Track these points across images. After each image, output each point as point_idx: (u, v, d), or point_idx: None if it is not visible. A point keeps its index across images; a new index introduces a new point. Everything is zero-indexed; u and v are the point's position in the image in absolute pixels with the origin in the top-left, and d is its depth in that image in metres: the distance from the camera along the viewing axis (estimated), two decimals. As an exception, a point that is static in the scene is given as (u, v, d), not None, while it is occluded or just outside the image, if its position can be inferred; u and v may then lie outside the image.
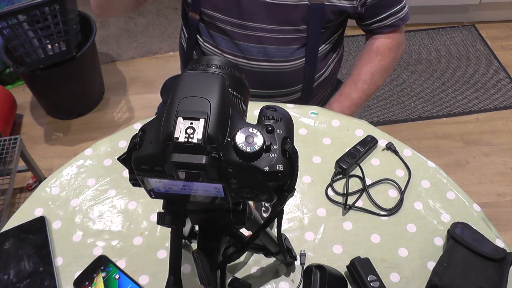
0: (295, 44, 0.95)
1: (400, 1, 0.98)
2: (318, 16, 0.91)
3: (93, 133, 1.95)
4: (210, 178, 0.35)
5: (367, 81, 1.02)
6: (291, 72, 0.99)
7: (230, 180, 0.37)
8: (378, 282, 0.64)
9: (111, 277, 0.66)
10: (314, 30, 0.93)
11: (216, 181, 0.36)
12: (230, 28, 0.94)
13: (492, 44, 2.30)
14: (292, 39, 0.95)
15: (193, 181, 0.36)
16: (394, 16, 0.98)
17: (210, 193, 0.39)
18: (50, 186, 0.80)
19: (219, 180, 0.36)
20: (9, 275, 0.67)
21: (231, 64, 0.42)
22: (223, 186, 0.37)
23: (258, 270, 0.69)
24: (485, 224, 0.74)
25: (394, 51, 1.03)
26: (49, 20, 1.65)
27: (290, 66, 0.98)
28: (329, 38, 1.00)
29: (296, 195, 0.78)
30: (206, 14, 0.95)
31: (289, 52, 0.96)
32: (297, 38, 0.95)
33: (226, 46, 0.97)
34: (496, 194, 1.72)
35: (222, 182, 0.37)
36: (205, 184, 0.37)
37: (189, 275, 0.68)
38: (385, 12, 0.97)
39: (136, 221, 0.75)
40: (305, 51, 0.97)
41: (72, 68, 1.83)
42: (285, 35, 0.94)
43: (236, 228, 0.51)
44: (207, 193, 0.39)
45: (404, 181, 0.80)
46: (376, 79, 1.02)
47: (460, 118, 1.99)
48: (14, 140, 1.55)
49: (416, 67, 2.20)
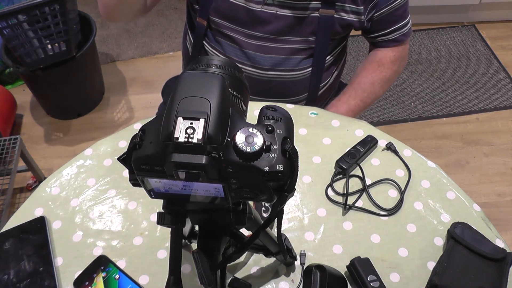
0: (302, 54, 0.96)
1: (405, 17, 0.98)
2: (327, 28, 0.92)
3: (93, 133, 1.95)
4: (210, 178, 0.35)
5: (366, 89, 1.02)
6: (297, 81, 0.99)
7: (230, 180, 0.37)
8: (378, 282, 0.64)
9: (111, 277, 0.66)
10: (322, 41, 0.94)
11: (216, 181, 0.36)
12: (239, 37, 0.94)
13: (492, 44, 2.30)
14: (300, 49, 0.95)
15: (193, 181, 0.36)
16: (398, 32, 0.99)
17: (210, 193, 0.39)
18: (50, 186, 0.80)
19: (219, 180, 0.36)
20: (9, 275, 0.67)
21: (231, 64, 0.42)
22: (223, 186, 0.37)
23: (258, 270, 0.69)
24: (485, 224, 0.74)
25: (397, 64, 1.04)
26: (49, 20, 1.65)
27: (297, 76, 0.98)
28: (334, 48, 1.01)
29: (296, 195, 0.78)
30: (215, 22, 0.94)
31: (296, 62, 0.96)
32: (305, 48, 0.95)
33: (234, 54, 0.96)
34: (496, 194, 1.72)
35: (222, 182, 0.37)
36: (205, 184, 0.37)
37: (189, 275, 0.68)
38: (390, 27, 0.98)
39: (136, 221, 0.75)
40: (312, 61, 0.97)
41: (72, 68, 1.83)
42: (294, 46, 0.94)
43: (236, 228, 0.51)
44: (207, 193, 0.39)
45: (404, 181, 0.80)
46: (375, 88, 1.03)
47: (460, 118, 1.99)
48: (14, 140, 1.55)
49: (416, 67, 2.20)
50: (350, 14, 0.91)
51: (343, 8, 0.90)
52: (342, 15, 0.91)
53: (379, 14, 0.94)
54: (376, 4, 0.92)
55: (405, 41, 1.03)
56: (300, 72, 0.98)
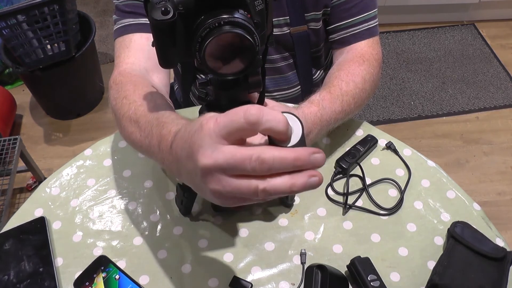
0: (286, 72, 0.94)
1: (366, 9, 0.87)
2: (305, 43, 0.89)
3: (93, 133, 1.95)
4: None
5: (358, 84, 0.78)
6: (289, 101, 0.97)
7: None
8: (378, 281, 0.64)
9: (111, 277, 0.66)
10: (302, 56, 0.91)
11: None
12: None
13: (491, 43, 2.30)
14: (283, 67, 0.93)
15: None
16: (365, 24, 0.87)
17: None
18: (50, 186, 0.80)
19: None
20: (9, 275, 0.67)
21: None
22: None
23: (258, 270, 0.69)
24: (485, 223, 0.74)
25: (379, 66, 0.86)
26: (48, 20, 1.65)
27: (288, 95, 0.97)
28: (323, 62, 0.99)
29: (297, 195, 0.78)
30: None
31: (285, 81, 0.95)
32: (287, 65, 0.93)
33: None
34: (496, 193, 1.73)
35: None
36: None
37: (189, 275, 0.68)
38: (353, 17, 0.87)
39: (136, 221, 0.75)
40: (297, 77, 0.96)
41: (71, 68, 1.83)
42: (275, 65, 0.92)
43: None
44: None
45: (404, 180, 0.80)
46: (366, 86, 0.80)
47: (460, 117, 1.99)
48: (14, 140, 1.55)
49: (416, 66, 2.20)
50: (320, 21, 0.88)
51: (313, 17, 0.86)
52: (312, 26, 0.87)
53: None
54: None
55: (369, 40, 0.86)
56: (291, 91, 0.97)
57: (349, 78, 0.77)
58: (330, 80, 0.78)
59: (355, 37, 0.86)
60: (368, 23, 0.86)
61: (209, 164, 0.37)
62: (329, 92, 0.74)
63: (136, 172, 0.80)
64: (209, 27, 0.43)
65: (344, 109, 0.74)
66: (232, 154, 0.36)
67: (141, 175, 0.80)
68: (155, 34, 0.47)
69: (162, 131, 0.53)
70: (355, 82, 0.77)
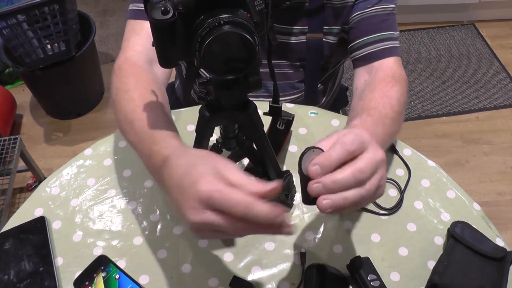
0: (293, 79, 0.94)
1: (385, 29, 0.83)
2: (317, 52, 0.88)
3: (93, 133, 1.95)
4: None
5: (394, 107, 0.72)
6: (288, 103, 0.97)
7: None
8: (378, 281, 0.64)
9: (111, 277, 0.66)
10: (312, 67, 0.91)
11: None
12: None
13: (491, 43, 2.30)
14: (290, 74, 0.93)
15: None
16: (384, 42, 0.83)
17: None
18: (50, 186, 0.80)
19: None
20: (9, 275, 0.67)
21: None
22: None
23: (258, 270, 0.69)
24: (485, 223, 0.74)
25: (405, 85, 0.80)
26: (49, 20, 1.65)
27: (289, 100, 0.97)
28: (330, 72, 0.98)
29: (297, 194, 0.78)
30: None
31: (290, 87, 0.95)
32: (295, 73, 0.93)
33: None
34: (496, 193, 1.73)
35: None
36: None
37: (189, 275, 0.68)
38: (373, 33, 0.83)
39: (136, 221, 0.75)
40: (304, 86, 0.95)
41: (71, 68, 1.83)
42: (283, 70, 0.92)
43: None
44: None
45: (404, 180, 0.80)
46: (401, 108, 0.75)
47: (460, 117, 1.99)
48: (14, 140, 1.55)
49: (416, 66, 2.20)
50: (337, 38, 0.87)
51: (331, 31, 0.86)
52: (329, 39, 0.87)
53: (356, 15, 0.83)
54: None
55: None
56: (293, 97, 0.97)
57: (386, 100, 0.72)
58: (366, 103, 0.72)
59: (383, 52, 0.81)
60: (393, 41, 0.82)
61: (197, 221, 0.43)
62: (369, 114, 0.69)
63: (136, 172, 0.80)
64: (209, 27, 0.43)
65: (386, 131, 0.70)
66: (220, 219, 0.43)
67: (141, 175, 0.80)
68: (155, 33, 0.47)
69: (153, 147, 0.56)
70: (391, 104, 0.72)
